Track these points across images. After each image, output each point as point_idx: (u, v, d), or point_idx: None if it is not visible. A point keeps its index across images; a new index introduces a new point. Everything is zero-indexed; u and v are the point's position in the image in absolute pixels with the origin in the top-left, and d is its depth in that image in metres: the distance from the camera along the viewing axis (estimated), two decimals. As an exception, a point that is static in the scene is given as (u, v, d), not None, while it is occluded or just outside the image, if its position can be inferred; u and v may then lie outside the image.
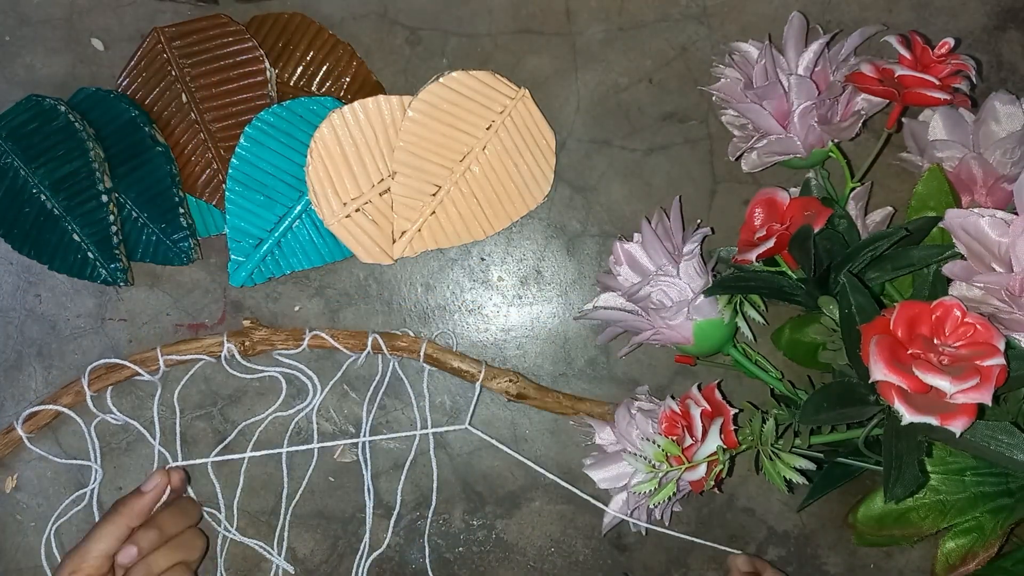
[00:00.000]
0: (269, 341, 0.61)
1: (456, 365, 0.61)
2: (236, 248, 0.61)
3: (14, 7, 0.64)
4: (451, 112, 0.60)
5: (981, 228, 0.45)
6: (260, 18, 0.62)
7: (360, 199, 0.60)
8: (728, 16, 0.63)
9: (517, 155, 0.61)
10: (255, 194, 0.61)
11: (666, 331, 0.55)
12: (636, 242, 0.57)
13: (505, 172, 0.61)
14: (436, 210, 0.61)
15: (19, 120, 0.60)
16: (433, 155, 0.60)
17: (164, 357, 0.61)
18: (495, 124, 0.60)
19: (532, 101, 0.61)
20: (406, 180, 0.60)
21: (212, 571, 0.63)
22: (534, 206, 0.62)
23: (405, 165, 0.60)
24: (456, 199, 0.61)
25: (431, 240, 0.61)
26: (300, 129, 0.61)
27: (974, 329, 0.44)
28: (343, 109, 0.59)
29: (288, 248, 0.62)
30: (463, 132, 0.60)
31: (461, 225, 0.61)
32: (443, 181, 0.60)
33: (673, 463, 0.51)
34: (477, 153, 0.60)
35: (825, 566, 0.63)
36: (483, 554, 0.63)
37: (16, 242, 0.61)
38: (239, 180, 0.60)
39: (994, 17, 0.63)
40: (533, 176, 0.62)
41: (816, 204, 0.53)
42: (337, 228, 0.60)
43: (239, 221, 0.61)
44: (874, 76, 0.54)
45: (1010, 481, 0.53)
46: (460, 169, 0.60)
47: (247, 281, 0.61)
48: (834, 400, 0.48)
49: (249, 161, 0.60)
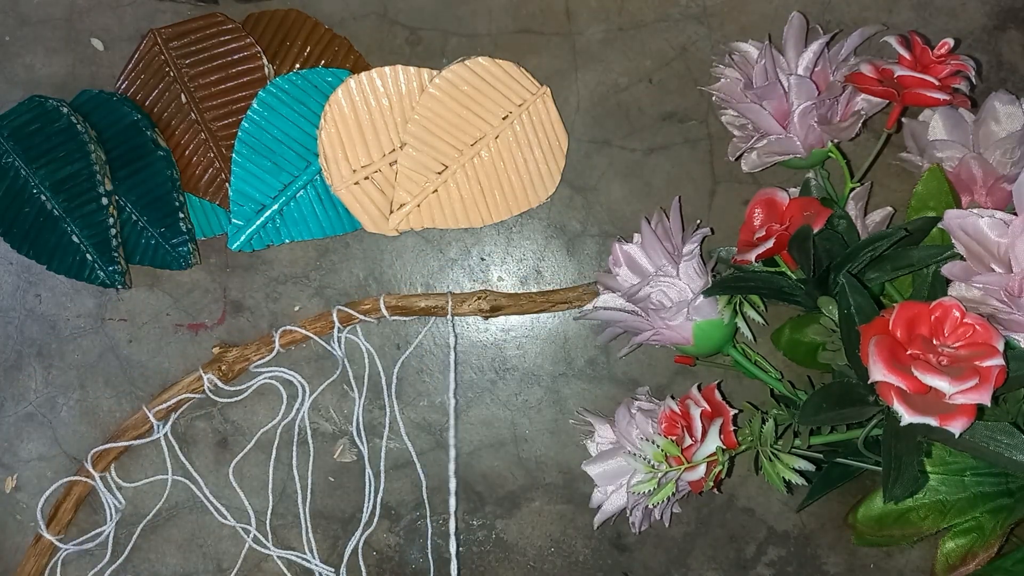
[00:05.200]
0: (244, 357, 0.61)
1: (423, 304, 0.61)
2: (238, 212, 0.61)
3: (14, 7, 0.64)
4: (471, 95, 0.60)
5: (980, 229, 0.45)
6: (256, 15, 0.62)
7: (370, 167, 0.60)
8: (728, 16, 0.63)
9: (528, 150, 0.61)
10: (262, 159, 0.61)
11: (666, 331, 0.55)
12: (635, 243, 0.57)
13: (513, 165, 0.61)
14: (439, 189, 0.61)
15: (21, 120, 0.61)
16: (445, 134, 0.60)
17: (152, 412, 0.60)
18: (512, 115, 0.60)
19: (552, 101, 0.61)
20: (415, 153, 0.60)
21: (213, 571, 0.63)
22: (536, 204, 0.62)
23: (416, 138, 0.60)
24: (460, 182, 0.61)
25: (428, 218, 0.61)
26: (313, 99, 0.60)
27: (973, 330, 0.44)
28: (361, 75, 0.59)
29: (290, 217, 0.61)
30: (479, 117, 0.60)
31: (460, 209, 0.61)
32: (451, 161, 0.61)
33: (672, 463, 0.51)
34: (489, 140, 0.60)
35: (825, 566, 0.63)
36: (483, 554, 0.63)
37: (15, 242, 0.61)
38: (248, 144, 0.60)
39: (994, 17, 0.63)
40: (540, 174, 0.62)
41: (816, 204, 0.53)
42: (345, 195, 0.60)
43: (243, 185, 0.61)
44: (874, 76, 0.54)
45: (1010, 481, 0.53)
46: (470, 153, 0.60)
47: (245, 246, 0.61)
48: (833, 401, 0.48)
49: (260, 126, 0.60)
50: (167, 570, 0.63)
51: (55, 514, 0.61)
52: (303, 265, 0.63)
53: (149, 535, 0.63)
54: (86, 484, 0.61)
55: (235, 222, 0.61)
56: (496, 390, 0.63)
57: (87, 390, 0.64)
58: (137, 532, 0.63)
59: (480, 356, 0.63)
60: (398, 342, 0.63)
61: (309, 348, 0.63)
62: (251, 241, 0.61)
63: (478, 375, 0.64)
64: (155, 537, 0.63)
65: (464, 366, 0.64)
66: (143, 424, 0.61)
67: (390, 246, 0.63)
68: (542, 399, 0.63)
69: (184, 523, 0.63)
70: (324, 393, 0.63)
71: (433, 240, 0.63)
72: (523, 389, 0.63)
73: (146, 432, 0.61)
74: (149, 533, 0.63)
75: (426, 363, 0.63)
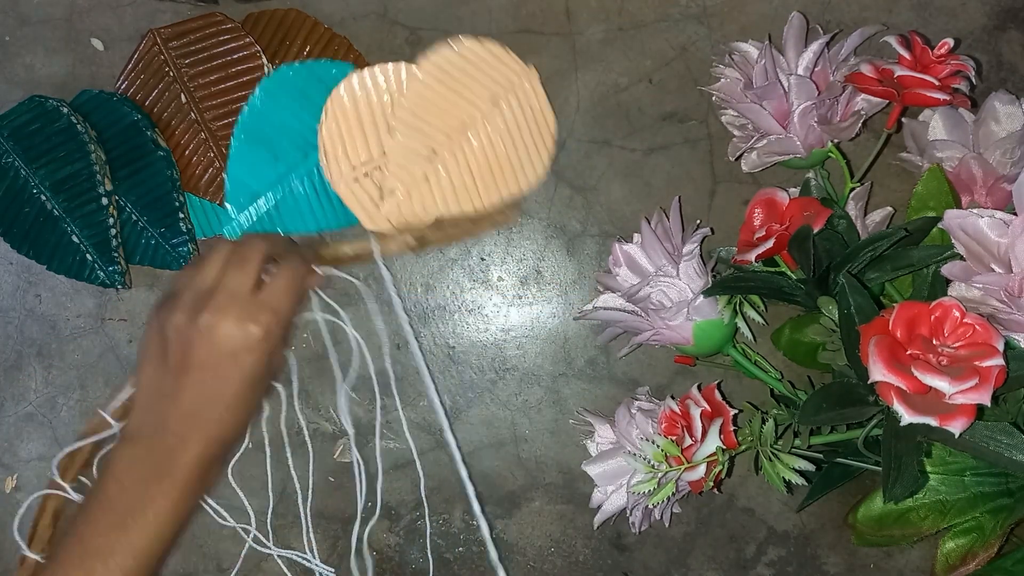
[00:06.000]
0: None
1: (350, 252, 0.59)
2: (233, 199, 0.61)
3: (14, 7, 0.64)
4: (457, 78, 0.60)
5: (980, 229, 0.45)
6: (255, 15, 0.62)
7: (370, 164, 0.60)
8: (728, 16, 0.63)
9: (517, 132, 0.61)
10: (260, 147, 0.61)
11: (666, 331, 0.55)
12: (635, 243, 0.57)
13: (503, 148, 0.61)
14: (429, 175, 0.60)
15: (21, 120, 0.61)
16: (434, 118, 0.60)
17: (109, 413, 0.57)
18: (499, 98, 0.60)
19: (539, 82, 0.61)
20: (404, 140, 0.60)
21: (213, 571, 0.63)
22: (526, 188, 0.62)
23: (405, 124, 0.59)
24: (450, 167, 0.60)
25: (419, 205, 0.61)
26: (317, 91, 0.60)
27: (973, 330, 0.44)
28: (364, 71, 0.59)
29: (285, 208, 0.61)
30: (467, 100, 0.60)
31: (451, 194, 0.61)
32: (440, 147, 0.60)
33: (672, 463, 0.51)
34: (478, 124, 0.60)
35: (825, 566, 0.63)
36: (483, 554, 0.63)
37: (15, 242, 0.61)
38: (247, 129, 0.60)
39: (994, 17, 0.63)
40: (530, 157, 0.61)
41: (816, 204, 0.53)
42: (344, 191, 0.60)
43: (239, 171, 0.61)
44: (874, 76, 0.54)
45: (1010, 481, 0.53)
46: (459, 137, 0.60)
47: (235, 234, 0.61)
48: (833, 401, 0.48)
49: (261, 113, 0.60)
50: (167, 570, 0.63)
51: (34, 532, 0.59)
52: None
53: (149, 535, 0.63)
54: (59, 496, 0.60)
55: (230, 208, 0.61)
56: (496, 390, 0.63)
57: (87, 390, 0.64)
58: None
59: (480, 356, 0.63)
60: (398, 342, 0.63)
61: (309, 348, 0.63)
62: (244, 231, 0.61)
63: (478, 375, 0.64)
64: (155, 537, 0.63)
65: (464, 366, 0.64)
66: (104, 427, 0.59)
67: (390, 246, 0.63)
68: (542, 399, 0.63)
69: (184, 523, 0.63)
70: (324, 393, 0.63)
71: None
72: (523, 389, 0.63)
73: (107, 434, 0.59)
74: (149, 533, 0.63)
75: (426, 363, 0.63)
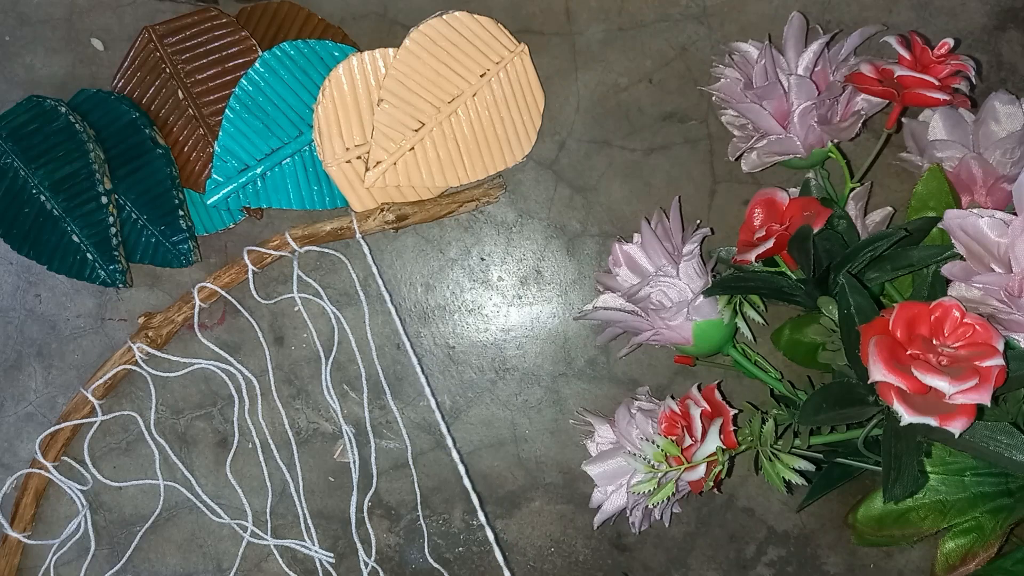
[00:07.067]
0: (170, 320, 0.61)
1: (329, 228, 0.60)
2: (220, 168, 0.61)
3: (14, 7, 0.64)
4: (448, 51, 0.59)
5: (980, 229, 0.45)
6: (249, 9, 0.62)
7: (363, 147, 0.60)
8: (728, 16, 0.63)
9: (505, 108, 0.61)
10: (254, 119, 0.61)
11: (666, 331, 0.55)
12: (635, 243, 0.57)
13: (490, 122, 0.61)
14: (415, 147, 0.60)
15: (20, 120, 0.60)
16: (422, 90, 0.60)
17: (90, 392, 0.60)
18: (489, 73, 0.60)
19: (530, 58, 0.61)
20: (391, 110, 0.59)
21: (213, 571, 0.63)
22: (512, 164, 0.62)
23: (392, 94, 0.59)
24: (437, 140, 0.60)
25: (404, 176, 0.60)
26: (317, 70, 0.60)
27: (973, 330, 0.44)
28: (363, 54, 0.59)
29: (272, 183, 0.61)
30: (456, 74, 0.60)
31: (437, 167, 0.61)
32: (428, 119, 0.60)
33: (672, 463, 0.51)
34: (467, 98, 0.60)
35: (825, 566, 0.63)
36: (483, 554, 0.63)
37: (15, 242, 0.61)
38: (242, 101, 0.60)
39: (994, 17, 0.63)
40: (517, 133, 0.61)
41: (816, 204, 0.53)
42: (335, 172, 0.60)
43: (230, 141, 0.60)
44: (874, 76, 0.54)
45: (1010, 481, 0.53)
46: (447, 110, 0.60)
47: (221, 203, 0.61)
48: (833, 401, 0.48)
49: (258, 85, 0.60)
50: (167, 570, 0.63)
51: (16, 511, 0.60)
52: (303, 265, 0.63)
53: (149, 535, 0.63)
54: (43, 476, 0.61)
55: (215, 177, 0.61)
56: (496, 390, 0.63)
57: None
58: (139, 535, 0.63)
59: (480, 356, 0.63)
60: (397, 342, 0.63)
61: (310, 348, 0.63)
62: (228, 199, 0.61)
63: (478, 375, 0.64)
64: (155, 537, 0.63)
65: (464, 366, 0.64)
66: (84, 406, 0.61)
67: (390, 246, 0.63)
68: (542, 399, 0.63)
69: (184, 523, 0.63)
70: (324, 393, 0.63)
71: (433, 240, 0.63)
72: (523, 389, 0.63)
73: (89, 414, 0.61)
74: (149, 533, 0.63)
75: (426, 363, 0.63)
